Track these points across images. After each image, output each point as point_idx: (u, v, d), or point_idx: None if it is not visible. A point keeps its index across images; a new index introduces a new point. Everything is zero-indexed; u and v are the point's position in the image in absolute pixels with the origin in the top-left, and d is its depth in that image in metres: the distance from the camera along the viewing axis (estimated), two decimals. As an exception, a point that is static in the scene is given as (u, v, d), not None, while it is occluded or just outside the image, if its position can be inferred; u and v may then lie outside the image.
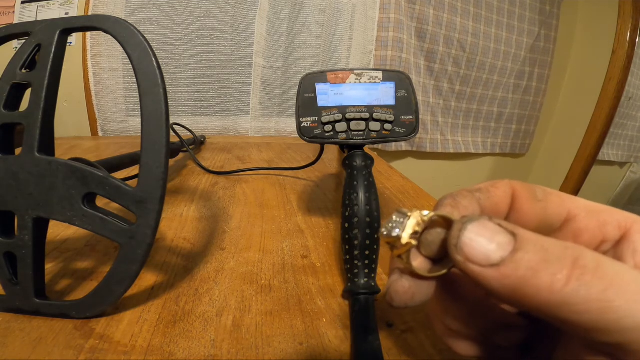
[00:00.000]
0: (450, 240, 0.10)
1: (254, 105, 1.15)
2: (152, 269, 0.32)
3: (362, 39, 1.20)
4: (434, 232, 0.12)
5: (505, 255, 0.09)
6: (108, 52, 1.03)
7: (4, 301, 0.25)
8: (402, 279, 0.12)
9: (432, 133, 1.44)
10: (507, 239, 0.10)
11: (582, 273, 0.09)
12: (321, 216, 0.45)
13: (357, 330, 0.25)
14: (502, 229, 0.10)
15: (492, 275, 0.09)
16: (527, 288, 0.09)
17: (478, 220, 0.10)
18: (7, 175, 0.25)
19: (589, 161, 1.67)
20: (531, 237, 0.10)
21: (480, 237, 0.10)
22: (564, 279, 0.09)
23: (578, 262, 0.09)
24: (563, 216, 0.13)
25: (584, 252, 0.09)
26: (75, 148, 0.81)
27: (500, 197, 0.13)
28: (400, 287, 0.12)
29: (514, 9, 1.44)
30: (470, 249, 0.10)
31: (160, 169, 0.24)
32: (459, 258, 0.10)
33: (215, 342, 0.24)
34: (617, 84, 1.54)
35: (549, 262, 0.09)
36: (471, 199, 0.13)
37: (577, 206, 0.13)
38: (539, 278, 0.09)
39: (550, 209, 0.13)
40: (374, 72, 0.36)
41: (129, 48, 0.25)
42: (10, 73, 0.26)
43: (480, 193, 0.13)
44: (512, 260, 0.09)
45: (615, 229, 0.12)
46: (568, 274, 0.09)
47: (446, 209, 0.12)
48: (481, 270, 0.10)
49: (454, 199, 0.13)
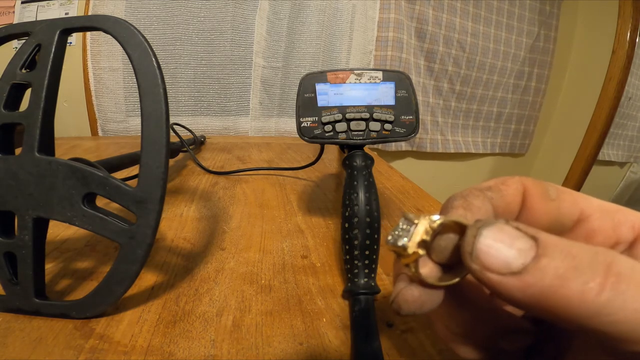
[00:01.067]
0: (465, 247, 0.10)
1: (254, 105, 1.15)
2: (152, 269, 0.32)
3: (362, 39, 1.20)
4: (446, 237, 0.11)
5: (528, 262, 0.09)
6: (108, 52, 1.03)
7: (4, 301, 0.25)
8: (411, 287, 0.11)
9: (432, 133, 1.44)
10: (528, 244, 0.09)
11: (617, 280, 0.08)
12: (321, 216, 0.45)
13: (357, 330, 0.25)
14: (521, 233, 0.09)
15: (514, 284, 0.09)
16: (555, 297, 0.08)
17: (494, 224, 0.09)
18: (7, 175, 0.25)
19: (589, 161, 1.67)
20: (555, 241, 0.09)
21: (498, 243, 0.09)
22: (597, 288, 0.08)
23: (612, 269, 0.08)
24: (576, 216, 0.13)
25: (617, 257, 0.08)
26: (76, 148, 0.81)
27: (512, 195, 0.13)
28: (409, 295, 0.11)
29: (514, 9, 1.44)
30: (487, 256, 0.09)
31: (160, 169, 0.24)
32: (475, 266, 0.09)
33: (215, 342, 0.24)
34: (617, 83, 1.54)
35: (579, 270, 0.08)
36: (483, 198, 0.12)
37: (590, 206, 0.13)
38: (568, 287, 0.08)
39: (564, 208, 0.13)
40: (374, 72, 0.36)
41: (129, 48, 0.25)
42: (10, 73, 0.26)
43: (491, 192, 0.12)
44: (537, 268, 0.09)
45: (629, 229, 0.12)
46: (602, 282, 0.08)
47: (458, 211, 0.12)
48: (500, 279, 0.09)
49: (465, 199, 0.12)
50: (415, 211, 0.49)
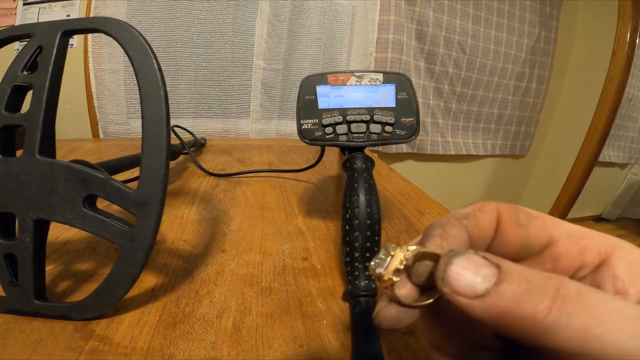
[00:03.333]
0: (437, 274, 0.11)
1: (254, 108, 1.15)
2: (152, 271, 0.32)
3: (363, 41, 1.21)
4: (423, 264, 0.12)
5: (490, 286, 0.10)
6: (109, 54, 1.03)
7: (4, 302, 0.25)
8: (389, 306, 0.13)
9: (433, 135, 1.44)
10: (491, 271, 0.10)
11: (563, 303, 0.09)
12: (322, 218, 0.45)
13: (358, 333, 0.25)
14: (487, 262, 0.11)
15: (478, 306, 0.10)
16: (511, 318, 0.10)
17: (464, 254, 0.11)
18: (8, 177, 0.25)
19: (590, 162, 1.67)
20: (515, 269, 0.10)
21: (466, 271, 0.11)
22: (546, 309, 0.09)
23: (560, 292, 0.09)
24: (544, 240, 0.14)
25: (566, 282, 0.10)
26: (76, 150, 0.81)
27: (487, 222, 0.14)
28: (388, 313, 0.13)
29: (514, 11, 1.44)
30: (456, 282, 0.10)
31: (161, 171, 0.24)
32: (446, 290, 0.11)
33: (216, 344, 0.24)
34: (618, 85, 1.54)
35: (532, 293, 0.09)
36: (459, 227, 0.13)
37: (558, 231, 0.14)
38: (521, 308, 0.09)
39: (532, 233, 0.14)
40: (375, 74, 0.36)
41: (130, 50, 0.25)
42: (12, 75, 0.26)
43: (468, 220, 0.14)
44: (497, 292, 0.10)
45: (594, 254, 0.13)
46: (550, 304, 0.09)
47: (435, 240, 0.13)
48: (467, 301, 0.10)
49: (442, 228, 0.13)
50: (415, 213, 0.49)
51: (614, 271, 0.12)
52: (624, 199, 2.24)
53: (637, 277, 0.12)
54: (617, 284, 0.12)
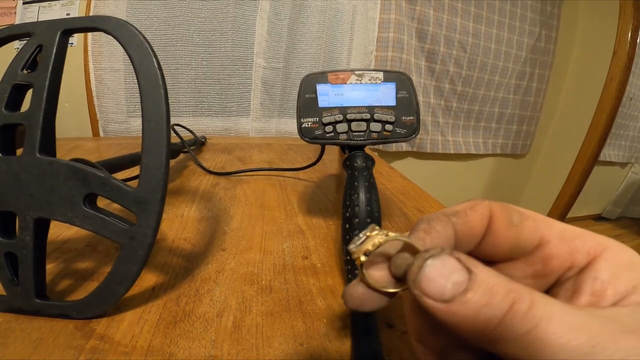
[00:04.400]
0: (410, 274, 0.11)
1: (254, 106, 1.15)
2: (152, 270, 0.32)
3: (363, 40, 1.20)
4: (402, 256, 0.13)
5: (457, 294, 0.10)
6: (109, 53, 1.03)
7: (5, 301, 0.26)
8: (357, 285, 0.13)
9: (433, 133, 1.44)
10: (462, 278, 0.10)
11: (512, 317, 0.10)
12: (322, 217, 0.45)
13: (358, 331, 0.25)
14: (460, 266, 0.11)
15: (443, 310, 0.10)
16: (470, 325, 0.10)
17: (439, 257, 0.11)
18: (9, 176, 0.25)
19: (590, 162, 1.67)
20: (484, 277, 0.10)
21: (439, 275, 0.11)
22: (497, 321, 0.10)
23: (514, 306, 0.10)
24: (536, 241, 0.14)
25: (523, 296, 0.10)
26: (77, 149, 0.81)
27: (477, 220, 0.14)
28: (353, 291, 0.13)
29: (515, 9, 1.44)
30: (426, 284, 0.11)
31: (161, 169, 0.24)
32: (416, 291, 0.11)
33: (216, 342, 0.24)
34: (618, 84, 1.54)
35: (490, 306, 0.10)
36: (446, 223, 0.13)
37: (550, 232, 0.14)
38: (479, 318, 0.10)
39: (524, 234, 0.14)
40: (375, 73, 0.36)
41: (130, 49, 0.25)
42: (12, 74, 0.26)
43: (457, 217, 0.14)
44: (462, 300, 0.10)
45: (584, 255, 0.13)
46: (502, 317, 0.10)
47: (419, 234, 0.13)
48: (433, 304, 0.11)
49: (428, 223, 0.13)
50: (415, 212, 0.49)
51: (596, 272, 0.12)
52: (624, 198, 2.24)
53: (618, 279, 0.12)
54: (595, 286, 0.12)
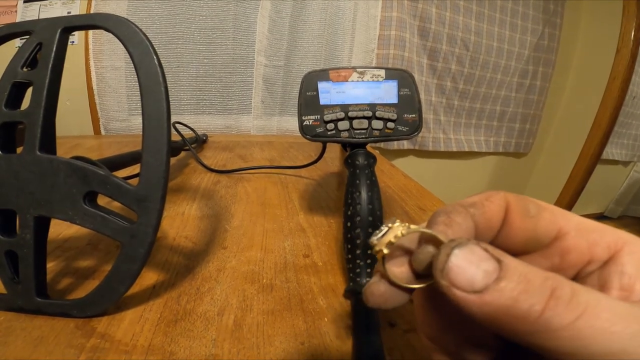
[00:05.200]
0: (437, 264, 0.11)
1: (255, 104, 1.15)
2: (153, 268, 0.32)
3: (364, 37, 1.20)
4: (425, 251, 0.12)
5: (490, 282, 0.10)
6: (110, 51, 1.03)
7: (6, 300, 0.25)
8: (379, 282, 0.13)
9: (435, 131, 1.44)
10: (493, 267, 0.10)
11: (556, 304, 0.09)
12: (323, 215, 0.45)
13: (359, 330, 0.24)
14: (489, 255, 0.10)
15: (474, 301, 0.10)
16: (506, 316, 0.10)
17: (466, 246, 0.10)
18: (9, 174, 0.25)
19: (593, 160, 1.66)
20: (515, 265, 0.10)
21: (467, 264, 0.10)
22: (540, 310, 0.09)
23: (555, 293, 0.09)
24: (553, 233, 0.13)
25: (562, 282, 0.10)
26: (78, 147, 0.81)
27: (494, 211, 0.13)
28: (376, 289, 0.13)
29: (518, 7, 1.43)
30: (455, 274, 0.10)
31: (162, 167, 0.24)
32: (444, 282, 0.10)
33: (217, 341, 0.24)
34: (622, 82, 1.53)
35: (529, 293, 0.09)
36: (465, 215, 0.13)
37: (568, 224, 0.13)
38: (517, 307, 0.09)
39: (541, 226, 0.13)
40: (377, 70, 0.35)
41: (131, 46, 0.25)
42: (12, 72, 0.26)
43: (474, 208, 0.13)
44: (496, 289, 0.10)
45: (604, 249, 0.12)
46: (544, 304, 0.09)
47: (439, 227, 0.13)
48: (464, 296, 0.10)
49: (447, 215, 0.13)
50: (417, 210, 0.48)
51: (622, 267, 0.12)
52: (626, 196, 2.23)
53: None
54: (623, 280, 0.12)
